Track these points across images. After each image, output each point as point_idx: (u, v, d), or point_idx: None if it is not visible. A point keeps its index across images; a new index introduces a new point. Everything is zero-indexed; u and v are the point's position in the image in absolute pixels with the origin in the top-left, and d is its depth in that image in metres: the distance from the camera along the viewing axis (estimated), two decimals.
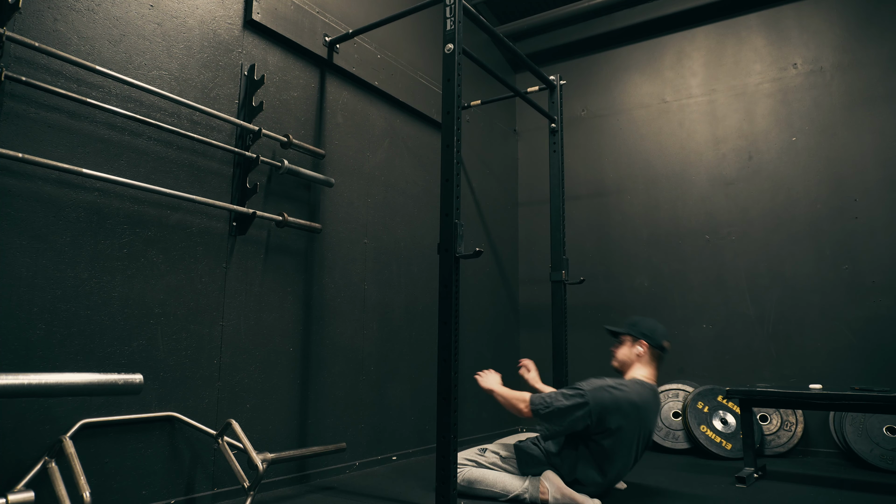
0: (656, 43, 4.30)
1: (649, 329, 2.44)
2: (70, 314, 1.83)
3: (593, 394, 2.22)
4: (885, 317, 3.33)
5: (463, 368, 3.63)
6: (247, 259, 2.42)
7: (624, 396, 2.23)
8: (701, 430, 3.33)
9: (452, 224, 2.15)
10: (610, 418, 2.20)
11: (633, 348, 2.45)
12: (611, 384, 2.27)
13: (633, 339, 2.45)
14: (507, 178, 4.59)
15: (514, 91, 3.26)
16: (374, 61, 3.18)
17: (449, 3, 2.33)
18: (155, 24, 2.16)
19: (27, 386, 1.39)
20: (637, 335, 2.44)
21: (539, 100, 3.81)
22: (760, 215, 3.76)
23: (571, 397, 2.24)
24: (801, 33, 3.81)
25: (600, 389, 2.24)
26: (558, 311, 3.20)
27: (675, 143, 4.12)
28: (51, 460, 1.68)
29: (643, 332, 2.44)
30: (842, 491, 2.50)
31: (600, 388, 2.24)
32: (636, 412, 2.24)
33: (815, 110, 3.70)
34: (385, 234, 3.19)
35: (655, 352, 2.43)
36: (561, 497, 2.20)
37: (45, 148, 1.81)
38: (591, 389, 2.24)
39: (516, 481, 2.31)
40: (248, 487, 2.02)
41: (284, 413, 2.51)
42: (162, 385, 2.06)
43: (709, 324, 3.82)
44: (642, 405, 2.26)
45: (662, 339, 2.44)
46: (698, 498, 2.35)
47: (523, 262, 4.59)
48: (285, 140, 2.54)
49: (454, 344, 2.12)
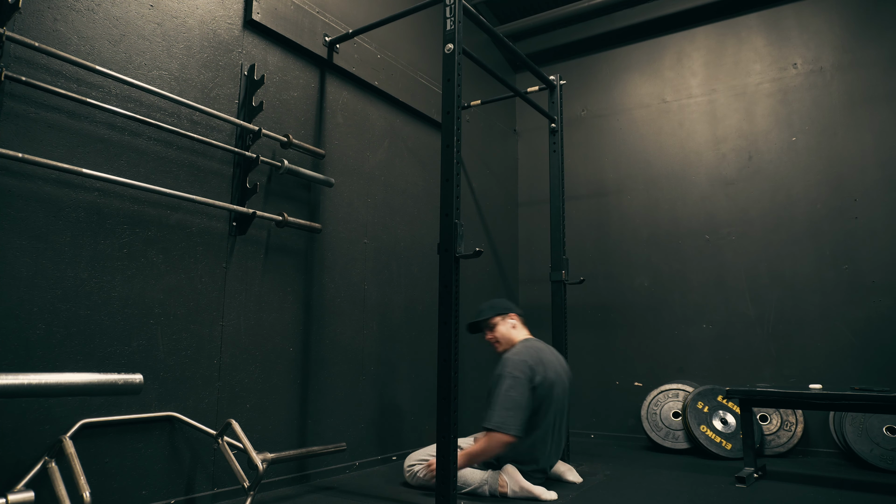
0: (656, 43, 4.30)
1: (505, 304, 2.72)
2: (70, 314, 1.82)
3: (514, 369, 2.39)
4: (885, 317, 3.33)
5: (463, 368, 3.63)
6: (247, 259, 2.42)
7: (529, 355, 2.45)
8: (701, 430, 3.33)
9: (452, 224, 2.15)
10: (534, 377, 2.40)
11: (506, 323, 2.68)
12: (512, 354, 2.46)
13: (502, 316, 2.68)
14: (507, 178, 4.59)
15: (514, 91, 3.26)
16: (374, 61, 3.18)
17: (449, 3, 2.33)
18: (155, 24, 2.16)
19: (27, 386, 1.39)
20: (503, 311, 2.69)
21: (539, 100, 3.81)
22: (760, 215, 3.76)
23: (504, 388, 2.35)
24: (801, 33, 3.81)
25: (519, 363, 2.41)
26: (558, 311, 3.20)
27: (675, 143, 4.12)
28: (51, 460, 1.68)
29: (505, 308, 2.70)
30: (842, 491, 2.50)
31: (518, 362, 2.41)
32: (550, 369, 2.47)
33: (815, 110, 3.70)
34: (385, 234, 3.19)
35: (521, 318, 2.73)
36: (519, 490, 2.30)
37: (45, 148, 1.81)
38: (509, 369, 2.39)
39: (476, 474, 2.38)
40: (248, 487, 2.02)
41: (284, 413, 2.51)
42: (162, 385, 2.06)
43: (709, 324, 3.82)
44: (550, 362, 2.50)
45: (512, 303, 2.76)
46: (698, 498, 2.35)
47: (523, 262, 4.59)
48: (285, 140, 2.54)
49: (454, 344, 2.12)
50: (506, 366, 2.42)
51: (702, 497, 2.36)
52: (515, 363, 2.41)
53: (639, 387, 3.94)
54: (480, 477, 2.35)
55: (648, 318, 4.02)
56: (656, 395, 3.66)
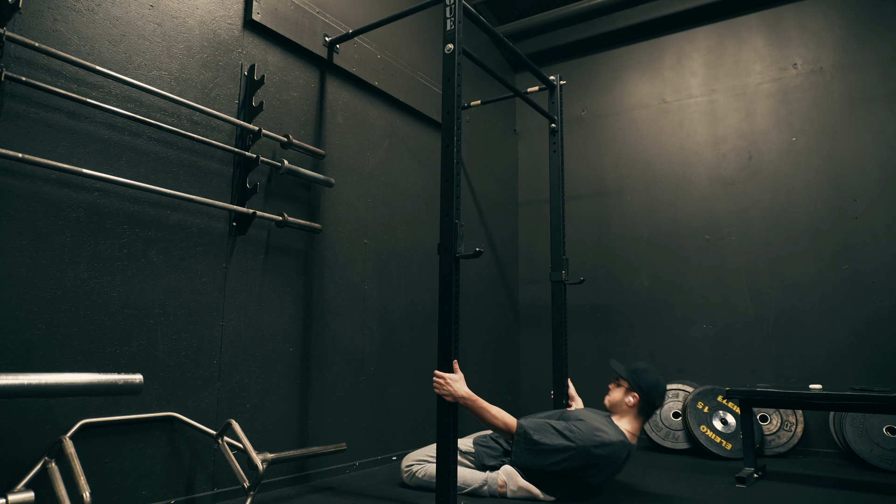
0: (656, 43, 4.30)
1: (648, 385, 2.40)
2: (70, 314, 1.82)
3: (583, 445, 2.18)
4: (885, 317, 3.33)
5: (463, 368, 3.62)
6: (247, 259, 2.42)
7: (607, 457, 2.20)
8: (701, 430, 3.33)
9: (452, 224, 2.15)
10: (587, 472, 2.22)
11: (626, 396, 2.43)
12: (600, 438, 2.20)
13: (630, 390, 2.43)
14: (507, 178, 4.59)
15: (514, 91, 3.26)
16: (374, 61, 3.18)
17: (449, 3, 2.33)
18: (155, 24, 2.16)
19: (27, 386, 1.39)
20: (634, 387, 2.42)
21: (539, 100, 3.81)
22: (760, 215, 3.76)
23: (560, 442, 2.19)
24: (801, 33, 3.81)
25: (590, 441, 2.19)
26: (558, 311, 3.20)
27: (675, 143, 4.12)
28: (51, 460, 1.68)
29: (640, 386, 2.40)
30: (842, 491, 2.50)
31: (590, 440, 2.19)
32: (611, 472, 2.26)
33: (815, 110, 3.70)
34: (385, 234, 3.19)
35: (646, 408, 2.41)
36: (518, 490, 2.28)
37: (45, 148, 1.81)
38: (583, 440, 2.19)
39: (476, 475, 2.36)
40: (248, 487, 2.02)
41: (284, 413, 2.51)
42: (162, 385, 2.06)
43: (709, 324, 3.82)
44: (616, 468, 2.27)
45: (657, 398, 2.41)
46: (698, 498, 2.35)
47: (523, 262, 4.59)
48: (285, 140, 2.54)
49: (454, 344, 2.12)
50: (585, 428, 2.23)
51: (702, 497, 2.36)
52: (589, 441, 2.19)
53: None
54: (480, 477, 2.35)
55: (648, 318, 4.02)
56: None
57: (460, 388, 2.13)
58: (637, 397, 2.40)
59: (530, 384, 4.37)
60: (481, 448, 2.47)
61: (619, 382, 2.49)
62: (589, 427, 2.24)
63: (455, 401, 2.11)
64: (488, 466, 2.43)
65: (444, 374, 2.13)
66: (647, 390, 2.39)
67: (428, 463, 2.44)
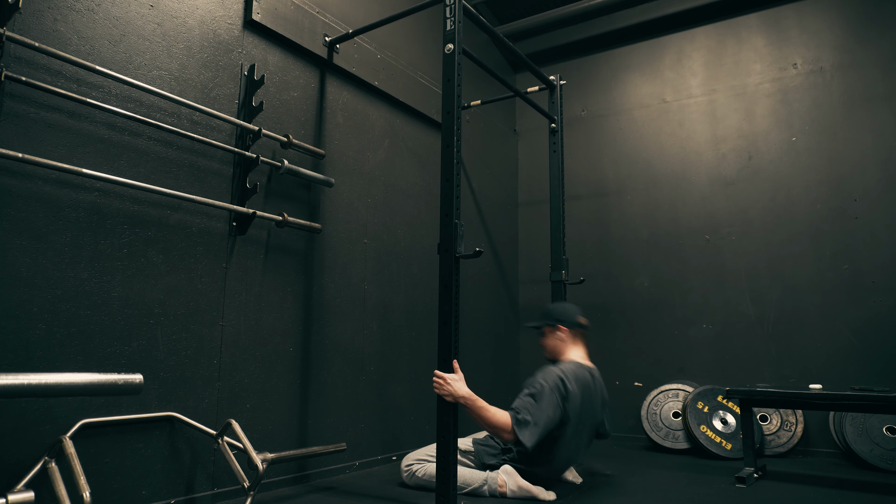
0: (656, 43, 4.30)
1: (560, 313, 2.56)
2: (70, 314, 1.83)
3: (554, 382, 2.28)
4: (885, 317, 3.33)
5: (463, 368, 3.62)
6: (247, 259, 2.42)
7: (577, 382, 2.33)
8: (701, 430, 3.33)
9: (452, 224, 2.15)
10: (568, 408, 2.29)
11: (554, 335, 2.56)
12: (561, 370, 2.33)
13: (551, 327, 2.56)
14: (507, 178, 4.59)
15: (514, 91, 3.26)
16: (374, 61, 3.18)
17: (449, 3, 2.33)
18: (155, 24, 2.16)
19: (27, 386, 1.39)
20: (552, 322, 2.55)
21: (539, 100, 3.81)
22: (760, 215, 3.76)
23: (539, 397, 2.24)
24: (801, 33, 3.81)
25: (557, 376, 2.30)
26: None
27: (675, 143, 4.13)
28: (51, 460, 1.68)
29: (556, 318, 2.55)
30: (842, 491, 2.50)
31: (556, 375, 2.30)
32: (586, 397, 2.35)
33: (815, 110, 3.70)
34: (385, 234, 3.19)
35: (576, 331, 2.55)
36: (518, 490, 2.29)
37: (45, 148, 1.81)
38: (552, 379, 2.29)
39: (476, 474, 2.37)
40: (248, 487, 2.02)
41: (284, 413, 2.51)
42: (162, 385, 2.06)
43: (709, 324, 3.82)
44: (588, 389, 2.38)
45: (577, 317, 2.56)
46: (698, 498, 2.35)
47: (523, 262, 4.59)
48: (285, 140, 2.54)
49: (454, 344, 2.12)
50: (545, 379, 2.30)
51: (702, 497, 2.36)
52: (554, 381, 2.28)
53: (639, 387, 3.94)
54: (480, 477, 2.35)
55: (648, 318, 4.02)
56: (656, 395, 3.66)
57: (460, 388, 2.13)
58: (564, 328, 2.54)
59: None
60: (481, 447, 2.48)
61: (543, 332, 2.61)
62: (546, 372, 2.35)
63: (455, 401, 2.11)
64: (489, 465, 2.43)
65: (444, 374, 2.13)
66: (564, 316, 2.55)
67: (428, 463, 2.44)
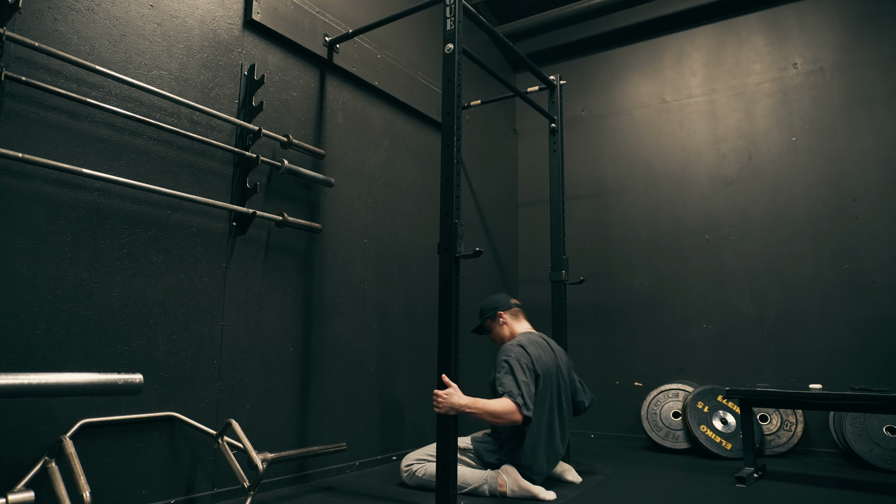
0: (656, 43, 4.30)
1: (493, 301, 2.74)
2: (70, 314, 1.83)
3: (517, 351, 2.42)
4: (885, 317, 3.33)
5: (463, 368, 3.63)
6: (247, 259, 2.42)
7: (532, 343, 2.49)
8: (701, 430, 3.33)
9: (452, 224, 2.15)
10: (536, 366, 2.40)
11: (496, 322, 2.71)
12: (514, 344, 2.48)
13: (491, 318, 2.72)
14: (507, 178, 4.59)
15: (514, 91, 3.26)
16: (374, 61, 3.18)
17: (449, 3, 2.33)
18: (155, 24, 2.16)
19: (27, 386, 1.39)
20: (491, 314, 2.71)
21: (539, 100, 3.81)
22: (760, 215, 3.76)
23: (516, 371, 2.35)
24: (801, 33, 3.81)
25: (518, 345, 2.46)
26: (558, 311, 3.20)
27: (675, 143, 4.12)
28: (51, 460, 1.68)
29: (492, 308, 2.72)
30: (842, 491, 2.50)
31: (516, 345, 2.46)
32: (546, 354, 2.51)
33: (815, 110, 3.70)
34: (385, 234, 3.19)
35: (512, 311, 2.72)
36: (518, 489, 2.30)
37: (45, 148, 1.81)
38: (513, 351, 2.43)
39: (476, 474, 2.37)
40: (248, 487, 2.02)
41: (284, 413, 2.51)
42: (162, 385, 2.06)
43: (709, 324, 3.82)
44: (544, 348, 2.54)
45: (509, 300, 2.75)
46: (698, 498, 2.35)
47: (523, 262, 4.59)
48: (285, 140, 2.54)
49: (454, 344, 2.12)
50: (508, 353, 2.43)
51: (702, 497, 2.36)
52: (516, 351, 2.43)
53: (639, 387, 3.94)
54: (480, 476, 2.35)
55: (648, 318, 4.02)
56: (656, 395, 3.66)
57: (459, 399, 2.13)
58: (501, 313, 2.70)
59: None
60: (479, 444, 2.49)
61: (486, 325, 2.75)
62: (507, 349, 2.47)
63: (458, 412, 2.12)
64: (488, 462, 2.43)
65: (438, 392, 2.14)
66: (497, 304, 2.72)
67: (428, 462, 2.45)
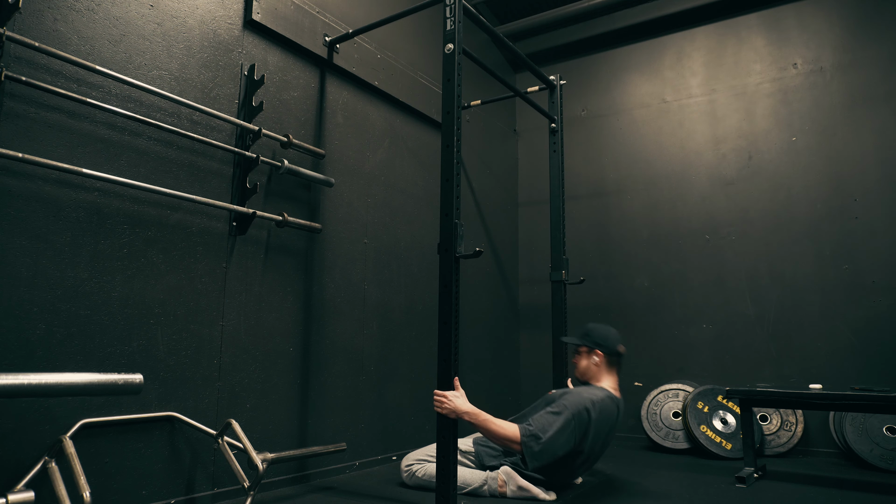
0: (656, 43, 4.30)
1: (602, 337, 2.48)
2: (70, 314, 1.82)
3: (577, 410, 2.24)
4: (885, 317, 3.33)
5: (463, 368, 3.63)
6: (247, 259, 2.42)
7: (601, 412, 2.28)
8: (701, 430, 3.33)
9: (452, 224, 2.15)
10: (585, 441, 2.26)
11: (590, 358, 2.49)
12: (589, 398, 2.28)
13: (588, 348, 2.50)
14: (507, 178, 4.59)
15: (514, 91, 3.26)
16: (374, 61, 3.18)
17: (449, 3, 2.33)
18: (155, 24, 2.16)
19: (27, 386, 1.39)
20: (591, 345, 2.48)
21: (539, 100, 3.81)
22: (760, 215, 3.76)
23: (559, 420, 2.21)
24: (801, 33, 3.81)
25: (582, 404, 2.26)
26: (558, 311, 3.20)
27: (675, 143, 4.12)
28: (51, 460, 1.68)
29: (596, 342, 2.47)
30: (842, 491, 2.50)
31: (581, 402, 2.26)
32: (607, 434, 2.30)
33: (815, 110, 3.70)
34: (385, 234, 3.19)
35: (612, 359, 2.47)
36: (518, 490, 2.28)
37: (45, 148, 1.81)
38: (576, 405, 2.24)
39: (476, 475, 2.37)
40: (248, 487, 2.02)
41: (284, 413, 2.51)
42: (162, 385, 2.06)
43: (709, 324, 3.82)
44: (610, 423, 2.31)
45: (616, 345, 2.49)
46: (698, 498, 2.35)
47: (523, 262, 4.59)
48: (285, 140, 2.54)
49: (454, 344, 2.12)
50: (575, 408, 2.24)
51: (702, 497, 2.36)
52: (582, 416, 2.23)
53: (639, 387, 3.93)
54: (480, 477, 2.35)
55: (648, 318, 4.02)
56: (656, 395, 3.66)
57: (462, 404, 2.13)
58: (600, 354, 2.46)
59: (530, 384, 4.37)
60: (482, 448, 2.47)
61: (578, 350, 2.55)
62: (576, 396, 2.31)
63: (458, 417, 2.12)
64: (489, 466, 2.43)
65: (444, 392, 2.12)
66: (605, 342, 2.47)
67: (428, 462, 2.44)
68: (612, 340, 2.50)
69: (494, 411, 2.51)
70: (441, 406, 2.11)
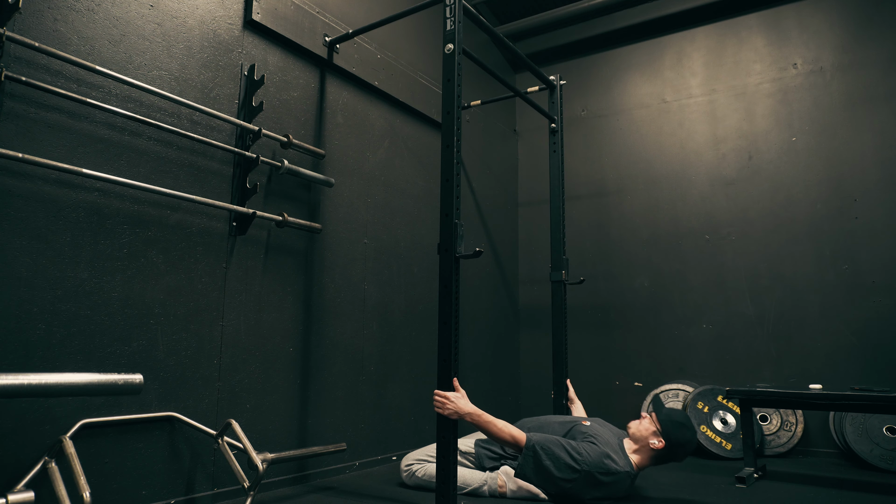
0: (656, 43, 4.30)
1: (679, 441, 2.26)
2: (70, 314, 1.82)
3: (588, 471, 2.16)
4: (885, 317, 3.33)
5: (463, 368, 3.63)
6: (247, 259, 2.42)
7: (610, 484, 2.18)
8: (701, 430, 3.33)
9: (452, 224, 2.15)
10: (586, 491, 2.20)
11: (654, 437, 2.29)
12: (607, 466, 2.18)
13: (656, 436, 2.29)
14: (507, 178, 4.59)
15: (514, 91, 3.26)
16: (374, 61, 3.18)
17: (449, 3, 2.33)
18: (155, 24, 2.16)
19: (27, 386, 1.39)
20: (665, 436, 2.27)
21: (539, 100, 3.81)
22: (760, 215, 3.76)
23: (567, 468, 2.18)
24: (801, 33, 3.81)
25: (597, 468, 2.17)
26: (558, 311, 3.20)
27: (675, 143, 4.13)
28: (51, 460, 1.68)
29: (671, 439, 2.26)
30: (842, 491, 2.50)
31: (597, 466, 2.17)
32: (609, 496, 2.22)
33: (815, 110, 3.70)
34: (385, 234, 3.19)
35: (666, 457, 2.30)
36: (518, 490, 2.28)
37: (45, 148, 1.81)
38: (590, 465, 2.17)
39: (476, 475, 2.37)
40: (248, 487, 2.02)
41: (284, 413, 2.51)
42: (162, 385, 2.06)
43: (709, 324, 3.82)
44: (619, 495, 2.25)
45: (680, 455, 2.29)
46: (698, 498, 2.35)
47: (523, 262, 4.59)
48: (285, 140, 2.54)
49: (454, 344, 2.12)
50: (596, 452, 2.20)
51: (702, 497, 2.36)
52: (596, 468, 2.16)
53: (639, 387, 3.94)
54: (480, 477, 2.35)
55: (648, 319, 4.02)
56: (656, 395, 3.66)
57: (464, 405, 2.12)
58: (663, 445, 2.27)
59: (530, 384, 4.37)
60: (482, 450, 2.47)
61: (655, 422, 2.33)
62: (598, 453, 2.20)
63: (460, 418, 2.11)
64: (488, 468, 2.43)
65: (445, 393, 2.11)
66: (676, 445, 2.26)
67: (428, 463, 2.44)
68: (684, 450, 2.28)
69: (494, 411, 2.51)
70: (443, 408, 2.10)
